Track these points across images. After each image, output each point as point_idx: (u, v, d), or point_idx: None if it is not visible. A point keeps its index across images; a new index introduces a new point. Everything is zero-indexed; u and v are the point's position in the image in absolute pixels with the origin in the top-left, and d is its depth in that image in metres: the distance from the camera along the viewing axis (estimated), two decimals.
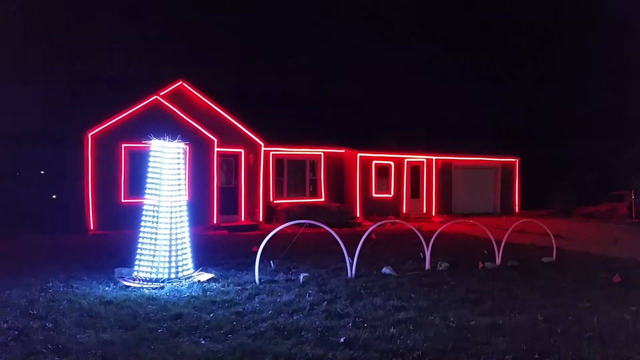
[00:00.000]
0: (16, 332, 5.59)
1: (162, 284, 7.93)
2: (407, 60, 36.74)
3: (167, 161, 8.43)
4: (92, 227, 15.42)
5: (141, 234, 8.41)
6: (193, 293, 7.49)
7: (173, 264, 8.29)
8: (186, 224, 8.66)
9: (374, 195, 21.20)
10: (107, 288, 7.75)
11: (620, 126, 32.33)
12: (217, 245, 12.86)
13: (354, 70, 34.94)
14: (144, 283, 8.01)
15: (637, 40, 30.48)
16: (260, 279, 8.29)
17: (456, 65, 37.34)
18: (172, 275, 8.23)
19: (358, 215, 20.34)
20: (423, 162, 22.51)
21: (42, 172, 24.77)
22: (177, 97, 17.15)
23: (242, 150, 18.29)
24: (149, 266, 8.25)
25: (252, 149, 18.55)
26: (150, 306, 6.75)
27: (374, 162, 21.27)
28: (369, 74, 34.50)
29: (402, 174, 21.93)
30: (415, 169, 22.40)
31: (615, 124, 32.93)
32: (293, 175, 20.46)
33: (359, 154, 20.84)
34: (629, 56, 31.86)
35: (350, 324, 6.07)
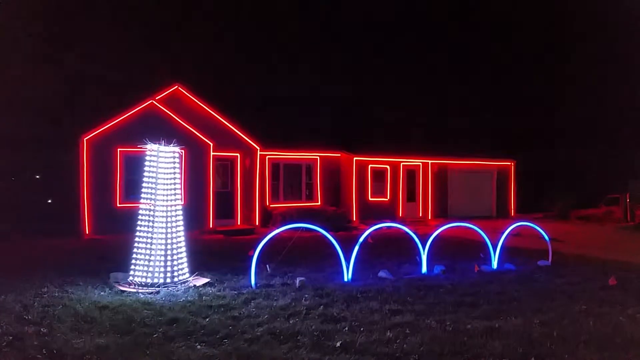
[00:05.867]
0: (10, 338, 5.55)
1: (157, 289, 7.90)
2: (403, 64, 36.85)
3: (163, 165, 8.42)
4: (87, 232, 15.36)
5: (137, 239, 8.39)
6: (189, 298, 7.46)
7: (169, 269, 8.27)
8: (182, 228, 8.65)
9: (370, 198, 21.22)
10: (102, 293, 7.71)
11: (616, 130, 32.52)
12: (213, 249, 12.82)
13: (350, 74, 35.09)
14: (140, 288, 7.98)
15: (634, 44, 30.61)
16: (256, 283, 8.27)
17: (452, 69, 37.44)
18: (168, 280, 8.21)
19: (354, 218, 20.34)
20: (419, 165, 22.54)
21: (38, 176, 24.67)
22: (173, 102, 17.14)
23: (238, 155, 18.28)
24: (145, 271, 8.23)
25: (248, 153, 18.54)
26: (145, 311, 6.72)
27: (370, 165, 21.29)
28: (365, 78, 34.64)
29: (398, 178, 21.96)
30: (411, 172, 22.44)
31: (611, 128, 33.11)
32: (289, 179, 20.47)
33: (355, 158, 20.86)
34: (626, 58, 32.06)
35: (346, 328, 6.06)
